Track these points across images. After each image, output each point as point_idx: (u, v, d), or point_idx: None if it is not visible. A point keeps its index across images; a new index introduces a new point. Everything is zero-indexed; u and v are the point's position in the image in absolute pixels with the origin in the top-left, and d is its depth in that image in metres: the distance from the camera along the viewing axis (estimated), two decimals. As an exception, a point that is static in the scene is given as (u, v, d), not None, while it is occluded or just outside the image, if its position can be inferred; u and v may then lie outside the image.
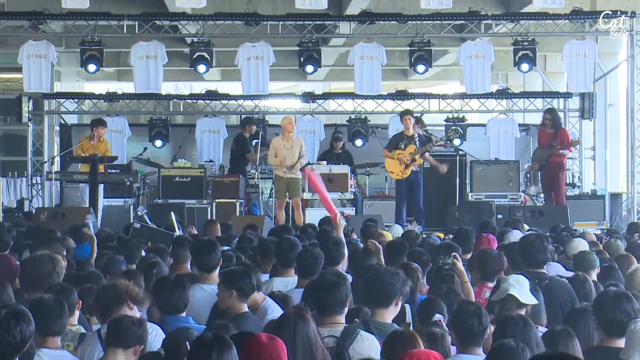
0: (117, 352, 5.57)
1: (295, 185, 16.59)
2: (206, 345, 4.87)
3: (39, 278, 6.97)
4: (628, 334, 5.66)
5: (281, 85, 32.20)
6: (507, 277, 6.95)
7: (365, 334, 5.96)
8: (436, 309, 6.77)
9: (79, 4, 18.88)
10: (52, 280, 6.98)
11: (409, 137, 17.16)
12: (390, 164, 17.27)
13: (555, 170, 17.90)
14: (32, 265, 7.20)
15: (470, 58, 20.05)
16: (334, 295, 6.07)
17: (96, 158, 16.84)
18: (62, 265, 7.18)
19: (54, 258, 7.18)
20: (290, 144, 16.49)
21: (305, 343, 5.34)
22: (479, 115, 25.03)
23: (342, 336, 5.92)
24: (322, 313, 6.07)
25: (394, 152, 17.14)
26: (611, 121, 23.00)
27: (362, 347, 5.87)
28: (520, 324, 5.59)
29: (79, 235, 11.04)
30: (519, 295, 6.67)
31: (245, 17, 19.97)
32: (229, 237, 11.83)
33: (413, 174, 17.12)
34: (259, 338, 4.81)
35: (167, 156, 21.50)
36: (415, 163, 17.09)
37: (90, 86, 28.84)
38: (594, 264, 8.80)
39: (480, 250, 9.03)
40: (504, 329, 5.56)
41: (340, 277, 6.24)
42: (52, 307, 5.89)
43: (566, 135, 18.24)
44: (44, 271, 7.02)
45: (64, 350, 5.90)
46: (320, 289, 6.13)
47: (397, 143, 17.21)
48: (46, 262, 7.10)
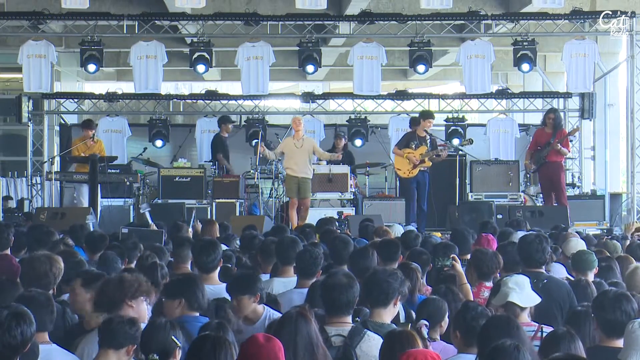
0: (109, 353, 5.57)
1: (306, 185, 16.55)
2: (204, 344, 4.88)
3: (35, 277, 6.99)
4: (626, 335, 5.65)
5: (281, 85, 32.23)
6: (507, 279, 6.87)
7: (372, 334, 5.99)
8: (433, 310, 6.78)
9: (79, 4, 18.88)
10: (47, 280, 7.02)
11: (421, 137, 17.16)
12: (398, 162, 17.30)
13: (553, 170, 17.76)
14: (29, 264, 7.23)
15: (470, 58, 20.05)
16: (345, 296, 6.10)
17: (96, 158, 16.85)
18: (59, 266, 7.18)
19: (52, 258, 7.19)
20: (300, 143, 16.49)
21: (306, 343, 5.35)
22: (479, 115, 25.06)
23: (349, 336, 5.96)
24: (330, 313, 6.10)
25: (404, 151, 17.15)
26: (611, 121, 22.99)
27: (369, 347, 5.90)
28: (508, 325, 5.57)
29: (78, 236, 11.04)
30: (519, 301, 6.65)
31: (245, 17, 19.97)
32: (227, 237, 11.81)
33: (420, 173, 17.13)
34: (256, 339, 4.81)
35: (167, 156, 21.51)
36: (424, 164, 17.09)
37: (90, 86, 28.86)
38: (592, 265, 8.78)
39: (475, 250, 9.03)
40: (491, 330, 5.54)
41: (351, 278, 6.26)
42: (42, 303, 5.91)
43: (564, 135, 18.10)
44: (41, 271, 7.04)
45: (53, 345, 5.91)
46: (331, 289, 6.14)
47: (409, 142, 17.21)
48: (43, 262, 7.12)
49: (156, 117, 21.45)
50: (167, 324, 5.43)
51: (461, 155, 19.04)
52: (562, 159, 18.05)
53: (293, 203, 16.68)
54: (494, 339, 5.11)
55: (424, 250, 9.28)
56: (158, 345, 5.32)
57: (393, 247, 8.78)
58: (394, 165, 17.65)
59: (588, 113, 20.76)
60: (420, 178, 17.17)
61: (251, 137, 20.73)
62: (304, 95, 22.16)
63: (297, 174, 16.51)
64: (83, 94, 23.62)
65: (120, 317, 5.70)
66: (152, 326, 5.42)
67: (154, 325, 5.42)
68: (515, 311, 6.58)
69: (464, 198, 18.80)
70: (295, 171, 16.49)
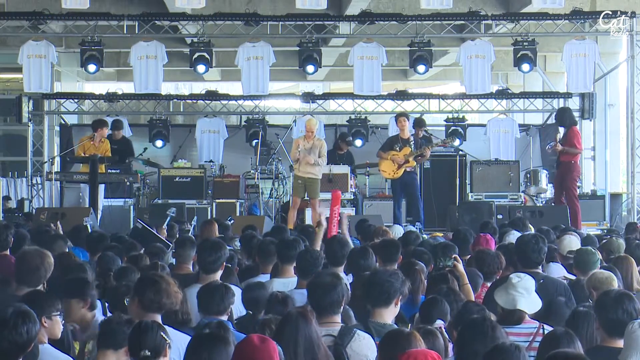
0: (107, 354, 5.58)
1: (313, 185, 16.46)
2: (204, 342, 4.89)
3: (27, 271, 7.04)
4: (626, 335, 5.64)
5: (281, 86, 32.23)
6: (516, 281, 6.65)
7: (362, 334, 5.99)
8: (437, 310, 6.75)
9: (79, 4, 18.87)
10: (39, 275, 7.08)
11: (404, 139, 17.21)
12: (383, 164, 17.34)
13: (563, 170, 17.63)
14: (21, 259, 7.28)
15: (470, 58, 20.05)
16: (330, 296, 6.09)
17: (96, 158, 16.85)
18: (50, 261, 7.23)
19: (42, 253, 7.25)
20: (310, 144, 16.44)
21: (307, 343, 5.36)
22: (479, 116, 25.05)
23: (339, 335, 5.95)
24: (319, 313, 6.10)
25: (389, 153, 17.19)
26: (611, 121, 22.98)
27: (360, 346, 5.90)
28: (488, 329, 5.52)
29: (78, 236, 11.04)
30: (527, 308, 6.59)
31: (245, 17, 19.97)
32: (227, 237, 11.79)
33: (406, 174, 17.13)
34: (251, 340, 4.81)
35: (167, 156, 21.52)
36: (408, 165, 17.10)
37: (90, 86, 28.86)
38: (595, 265, 8.74)
39: (478, 250, 9.03)
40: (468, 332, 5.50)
41: (336, 278, 6.25)
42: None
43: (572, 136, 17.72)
44: (32, 265, 7.07)
45: (46, 344, 5.92)
46: (317, 290, 6.15)
47: (392, 145, 17.27)
48: (34, 256, 7.16)
49: (156, 117, 21.45)
50: (154, 324, 5.42)
51: (461, 156, 19.04)
52: (572, 158, 17.72)
53: (295, 203, 16.64)
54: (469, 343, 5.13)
55: (424, 249, 9.29)
56: (149, 344, 5.31)
57: (393, 248, 8.77)
58: (379, 167, 17.61)
59: (588, 113, 20.75)
60: (408, 179, 17.17)
61: (251, 137, 20.73)
62: (304, 95, 22.17)
63: (304, 174, 16.48)
64: (83, 94, 23.62)
65: (119, 318, 5.72)
66: (141, 326, 5.41)
67: (141, 326, 5.41)
68: (522, 316, 6.54)
69: (464, 198, 18.79)
70: (302, 171, 16.47)
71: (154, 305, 6.21)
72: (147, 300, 6.24)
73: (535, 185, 19.08)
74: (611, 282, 7.50)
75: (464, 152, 19.26)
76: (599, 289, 7.25)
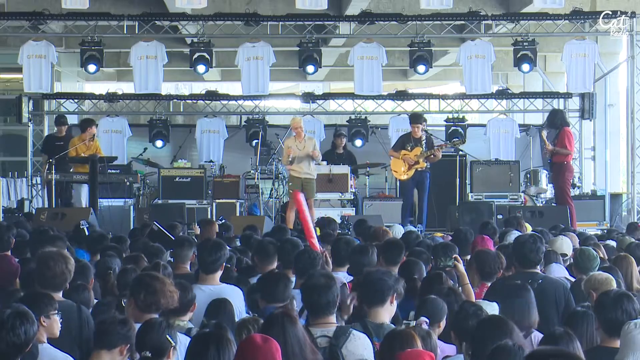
0: (101, 354, 5.58)
1: (310, 185, 16.49)
2: (206, 342, 4.89)
3: (52, 277, 6.77)
4: (622, 335, 5.63)
5: (281, 86, 32.22)
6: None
7: (358, 334, 5.97)
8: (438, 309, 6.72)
9: (79, 4, 18.89)
10: (63, 278, 6.80)
11: (416, 139, 17.17)
12: (394, 164, 17.33)
13: (556, 171, 17.70)
14: (43, 263, 6.85)
15: (470, 58, 20.05)
16: (324, 297, 6.07)
17: (96, 158, 16.84)
18: (73, 263, 7.06)
19: (65, 256, 7.00)
20: (302, 144, 16.43)
21: (294, 343, 5.33)
22: (479, 116, 25.04)
23: (334, 336, 5.93)
24: (313, 314, 6.09)
25: (400, 152, 17.17)
26: (611, 121, 22.98)
27: (355, 346, 5.88)
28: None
29: (79, 237, 11.04)
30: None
31: (245, 18, 19.98)
32: (228, 237, 11.79)
33: (418, 173, 17.13)
34: (253, 339, 4.80)
35: (167, 156, 21.51)
36: (419, 166, 17.08)
37: (90, 86, 28.84)
38: (595, 265, 8.73)
39: (478, 250, 9.02)
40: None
41: (330, 278, 6.24)
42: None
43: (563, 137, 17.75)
44: (57, 270, 6.76)
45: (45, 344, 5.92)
46: (311, 291, 6.14)
47: (404, 144, 17.23)
48: (58, 260, 6.86)
49: (156, 118, 21.45)
50: (162, 323, 5.42)
51: (461, 156, 19.04)
52: (564, 159, 17.74)
53: (292, 204, 16.66)
54: (489, 341, 5.11)
55: (423, 250, 9.28)
56: (152, 344, 5.31)
57: (396, 250, 8.75)
58: (391, 167, 17.65)
59: (588, 113, 20.75)
60: (419, 178, 17.17)
61: (251, 137, 20.73)
62: (304, 95, 22.16)
63: (300, 174, 16.48)
64: (83, 95, 23.61)
65: (113, 318, 5.71)
66: (147, 325, 5.41)
67: (148, 324, 5.41)
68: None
69: (464, 198, 18.80)
70: (299, 172, 16.47)
71: (150, 306, 6.20)
72: (143, 301, 6.23)
73: (535, 185, 19.07)
74: (610, 284, 7.47)
75: (464, 152, 19.26)
76: (598, 290, 7.22)
